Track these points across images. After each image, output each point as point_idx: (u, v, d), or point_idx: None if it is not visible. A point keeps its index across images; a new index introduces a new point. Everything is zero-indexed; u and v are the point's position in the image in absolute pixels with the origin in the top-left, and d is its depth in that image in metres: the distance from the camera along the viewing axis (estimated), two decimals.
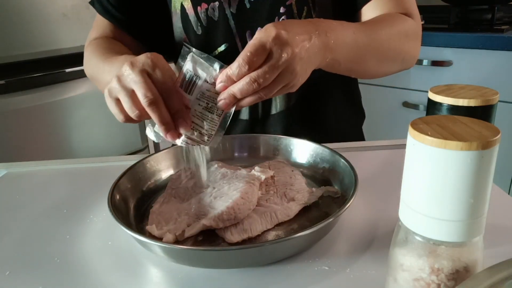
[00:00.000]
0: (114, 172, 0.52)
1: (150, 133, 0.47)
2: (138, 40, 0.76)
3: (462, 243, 0.27)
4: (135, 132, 1.66)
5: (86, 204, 0.55)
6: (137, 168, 0.55)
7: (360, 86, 0.85)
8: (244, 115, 0.74)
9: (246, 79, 0.42)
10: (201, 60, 0.45)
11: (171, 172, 0.59)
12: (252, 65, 0.42)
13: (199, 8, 0.70)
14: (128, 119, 0.47)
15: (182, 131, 0.45)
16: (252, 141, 0.64)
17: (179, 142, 0.46)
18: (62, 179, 0.65)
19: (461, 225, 0.25)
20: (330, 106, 0.77)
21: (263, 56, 0.42)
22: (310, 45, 0.46)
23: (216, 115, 0.46)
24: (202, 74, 0.45)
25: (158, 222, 0.47)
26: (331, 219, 0.40)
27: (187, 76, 0.45)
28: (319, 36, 0.48)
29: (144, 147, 1.71)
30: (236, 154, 0.64)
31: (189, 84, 0.45)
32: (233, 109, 0.46)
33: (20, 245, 0.47)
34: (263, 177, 0.52)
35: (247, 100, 0.45)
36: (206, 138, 0.47)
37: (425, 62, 1.57)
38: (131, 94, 0.44)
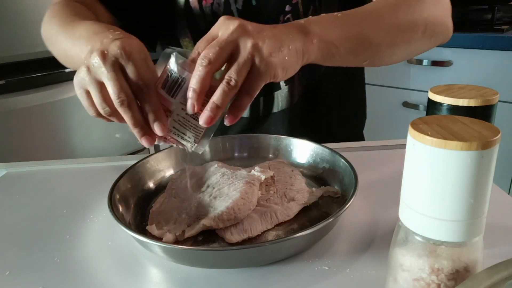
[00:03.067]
0: (114, 172, 0.52)
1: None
2: (114, 15, 0.67)
3: (462, 243, 0.27)
4: None
5: (86, 204, 0.55)
6: (137, 168, 0.55)
7: None
8: (245, 113, 0.74)
9: (222, 84, 0.39)
10: (186, 60, 0.41)
11: (171, 172, 0.59)
12: (215, 65, 0.39)
13: (204, 2, 0.68)
14: (99, 114, 0.43)
15: (158, 134, 0.41)
16: (252, 141, 0.64)
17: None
18: (62, 179, 0.65)
19: (461, 225, 0.25)
20: (331, 107, 0.77)
21: (228, 52, 0.39)
22: (277, 30, 0.42)
23: None
24: (188, 75, 0.40)
25: (158, 222, 0.47)
26: (331, 219, 0.40)
27: (171, 77, 0.41)
28: (287, 25, 0.45)
29: (144, 147, 1.71)
30: (236, 154, 0.64)
31: (173, 86, 0.41)
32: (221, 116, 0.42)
33: (20, 245, 0.47)
34: (263, 177, 0.52)
35: (237, 107, 0.41)
36: (189, 145, 0.43)
37: (425, 62, 1.57)
38: (102, 89, 0.40)
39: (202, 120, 0.40)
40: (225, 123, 0.42)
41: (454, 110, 0.38)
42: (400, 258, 0.29)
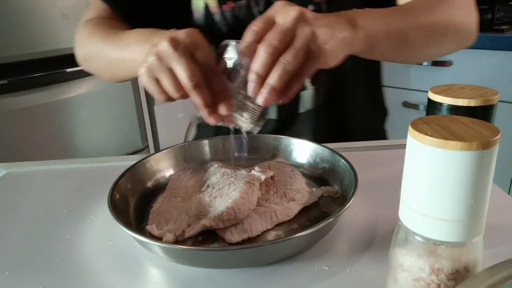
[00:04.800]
0: (114, 172, 0.52)
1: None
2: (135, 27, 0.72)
3: (462, 243, 0.27)
4: (135, 132, 1.66)
5: (86, 204, 0.55)
6: (137, 168, 0.55)
7: None
8: (273, 114, 0.74)
9: (279, 67, 0.40)
10: (244, 48, 0.43)
11: (171, 172, 0.59)
12: (278, 50, 0.40)
13: (224, 6, 0.68)
14: (169, 99, 0.45)
15: (224, 113, 0.44)
16: (252, 141, 0.64)
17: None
18: (62, 179, 0.65)
19: (461, 225, 0.25)
20: (355, 106, 0.77)
21: (288, 37, 0.41)
22: (330, 19, 0.44)
23: (257, 105, 0.45)
24: (247, 62, 0.42)
25: (158, 222, 0.47)
26: (331, 219, 0.40)
27: (230, 64, 0.43)
28: (337, 14, 0.46)
29: (144, 147, 1.71)
30: (236, 154, 0.64)
31: (232, 72, 0.44)
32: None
33: (20, 245, 0.47)
34: (263, 177, 0.52)
35: (293, 89, 0.43)
36: (245, 125, 0.47)
37: (425, 62, 1.57)
38: (173, 74, 0.42)
39: (261, 100, 0.42)
40: (279, 102, 0.44)
41: (454, 110, 0.38)
42: (400, 258, 0.29)
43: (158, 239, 0.43)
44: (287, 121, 0.75)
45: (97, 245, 0.46)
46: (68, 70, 1.42)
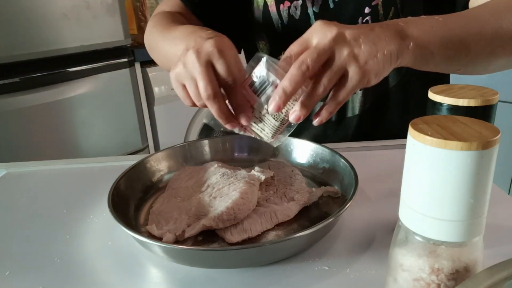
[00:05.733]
0: (114, 172, 0.52)
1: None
2: (202, 21, 0.73)
3: (462, 243, 0.27)
4: (135, 132, 1.66)
5: (86, 204, 0.55)
6: (137, 168, 0.55)
7: None
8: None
9: (312, 88, 0.41)
10: (275, 66, 0.43)
11: (171, 172, 0.59)
12: (311, 71, 0.40)
13: (281, 5, 0.69)
14: (194, 105, 0.46)
15: (243, 124, 0.45)
16: (252, 141, 0.64)
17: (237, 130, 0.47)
18: (62, 179, 0.65)
19: (461, 225, 0.25)
20: (399, 114, 0.75)
21: (324, 59, 0.40)
22: (374, 34, 0.42)
23: (281, 123, 0.45)
24: (275, 80, 0.43)
25: (158, 222, 0.47)
26: (331, 219, 0.40)
27: (258, 79, 0.44)
28: (384, 26, 0.43)
29: (144, 147, 1.71)
30: (236, 154, 0.64)
31: (259, 86, 0.44)
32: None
33: (20, 245, 0.47)
34: (263, 177, 0.52)
35: (326, 112, 0.43)
36: (265, 139, 0.47)
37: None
38: (196, 83, 0.44)
39: (291, 117, 0.43)
40: (313, 123, 0.45)
41: (454, 110, 0.38)
42: (400, 258, 0.29)
43: (158, 239, 0.43)
44: (332, 124, 0.75)
45: (97, 245, 0.46)
46: (68, 70, 1.42)
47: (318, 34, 0.41)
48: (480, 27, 0.48)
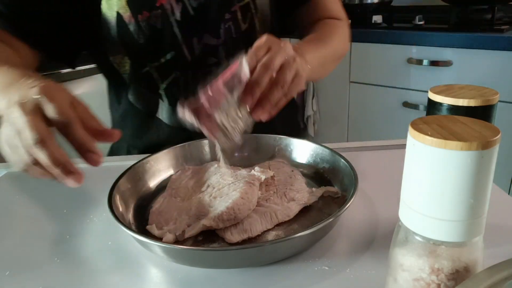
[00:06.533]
0: (114, 172, 0.52)
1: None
2: (31, 46, 0.65)
3: (462, 243, 0.27)
4: None
5: (86, 204, 0.55)
6: (137, 168, 0.55)
7: (359, 86, 0.86)
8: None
9: (275, 87, 0.47)
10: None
11: (171, 172, 0.59)
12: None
13: (139, 16, 0.66)
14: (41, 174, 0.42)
15: (95, 164, 0.41)
16: (252, 141, 0.64)
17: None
18: None
19: (461, 225, 0.25)
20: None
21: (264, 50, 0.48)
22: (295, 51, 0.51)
23: (240, 124, 0.48)
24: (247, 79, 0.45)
25: (158, 222, 0.47)
26: (331, 219, 0.40)
27: (233, 77, 0.45)
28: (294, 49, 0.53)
29: None
30: (236, 154, 0.64)
31: (232, 85, 0.45)
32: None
33: (20, 245, 0.47)
34: (263, 177, 0.52)
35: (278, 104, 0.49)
36: (230, 136, 0.48)
37: (425, 62, 1.56)
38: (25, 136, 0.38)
39: (256, 115, 0.47)
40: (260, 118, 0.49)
41: (454, 110, 0.38)
42: (400, 258, 0.29)
43: (158, 239, 0.43)
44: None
45: (97, 245, 0.46)
46: (67, 70, 1.42)
47: (274, 44, 0.48)
48: (329, 47, 0.71)
